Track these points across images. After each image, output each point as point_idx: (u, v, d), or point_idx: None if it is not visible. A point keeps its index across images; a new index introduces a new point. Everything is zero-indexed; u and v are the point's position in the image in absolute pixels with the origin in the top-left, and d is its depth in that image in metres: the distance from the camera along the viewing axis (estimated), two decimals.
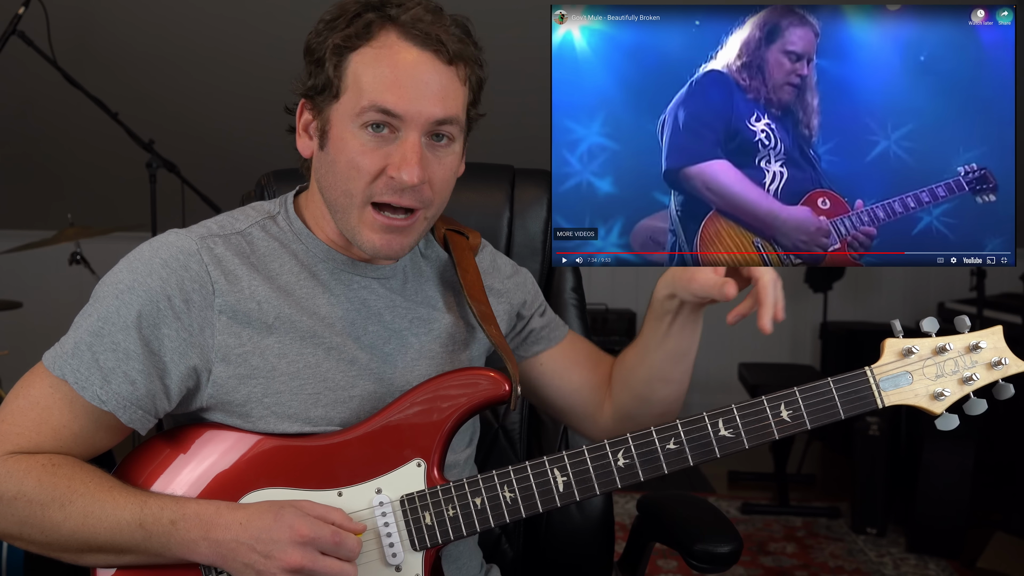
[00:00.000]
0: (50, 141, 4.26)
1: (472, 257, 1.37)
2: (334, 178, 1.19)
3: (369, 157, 1.16)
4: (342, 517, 1.13)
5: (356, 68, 1.16)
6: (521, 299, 1.41)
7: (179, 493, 1.18)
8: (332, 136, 1.18)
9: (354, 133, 1.16)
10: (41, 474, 1.13)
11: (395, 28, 1.15)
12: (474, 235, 1.41)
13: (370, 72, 1.15)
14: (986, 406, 1.16)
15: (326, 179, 1.21)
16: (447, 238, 1.38)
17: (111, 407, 1.15)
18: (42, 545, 1.15)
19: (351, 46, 1.16)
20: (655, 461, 1.17)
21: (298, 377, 1.20)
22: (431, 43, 1.15)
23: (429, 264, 1.37)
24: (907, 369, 1.17)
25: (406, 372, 1.27)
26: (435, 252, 1.39)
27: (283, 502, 1.13)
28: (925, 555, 3.29)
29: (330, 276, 1.26)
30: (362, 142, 1.16)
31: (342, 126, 1.17)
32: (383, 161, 1.16)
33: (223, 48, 3.91)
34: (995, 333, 1.18)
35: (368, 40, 1.15)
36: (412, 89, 1.14)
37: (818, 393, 1.17)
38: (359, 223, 1.19)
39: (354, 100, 1.15)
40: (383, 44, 1.15)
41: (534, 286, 1.46)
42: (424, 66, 1.15)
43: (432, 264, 1.37)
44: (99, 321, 1.16)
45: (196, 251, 1.19)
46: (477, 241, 1.41)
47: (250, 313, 1.19)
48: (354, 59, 1.16)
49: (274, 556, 1.08)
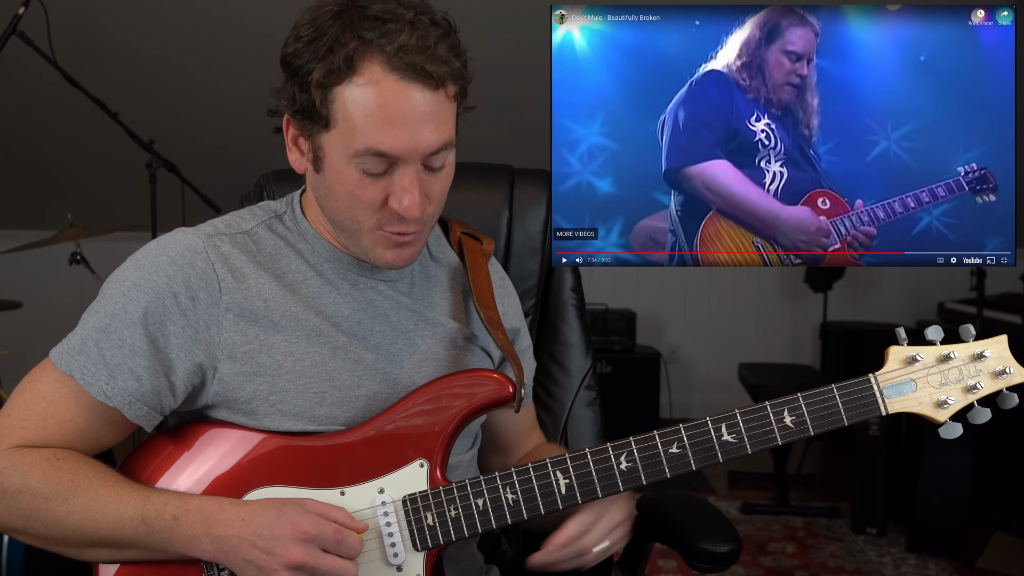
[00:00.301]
0: (50, 141, 4.26)
1: (485, 263, 1.37)
2: (337, 204, 1.19)
3: (370, 191, 1.16)
4: (344, 516, 1.13)
5: (344, 104, 1.12)
6: (515, 325, 1.41)
7: (182, 490, 1.19)
8: (328, 165, 1.17)
9: (351, 168, 1.15)
10: (46, 468, 1.13)
11: (378, 58, 1.10)
12: (488, 241, 1.41)
13: (360, 111, 1.11)
14: (990, 415, 1.16)
15: (327, 201, 1.21)
16: (462, 242, 1.38)
17: (116, 403, 1.15)
18: (45, 539, 1.16)
19: (334, 82, 1.12)
20: (658, 465, 1.17)
21: (304, 375, 1.20)
22: (419, 75, 1.11)
23: (440, 268, 1.37)
24: (911, 377, 1.17)
25: (412, 373, 1.27)
26: (448, 257, 1.39)
27: (286, 499, 1.14)
28: (925, 555, 3.29)
29: (336, 276, 1.26)
30: (360, 177, 1.15)
31: (337, 158, 1.15)
32: (383, 192, 1.16)
33: (223, 48, 3.91)
34: (1000, 342, 1.18)
35: (352, 74, 1.10)
36: (405, 127, 1.12)
37: (822, 399, 1.17)
38: (370, 244, 1.21)
39: (347, 138, 1.13)
40: (369, 80, 1.10)
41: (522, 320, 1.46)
42: (414, 100, 1.11)
43: (443, 269, 1.37)
44: (106, 317, 1.16)
45: (203, 249, 1.19)
46: (491, 248, 1.41)
47: (257, 311, 1.19)
48: (340, 93, 1.12)
49: (276, 552, 1.08)
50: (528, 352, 1.44)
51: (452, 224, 1.42)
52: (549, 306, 1.65)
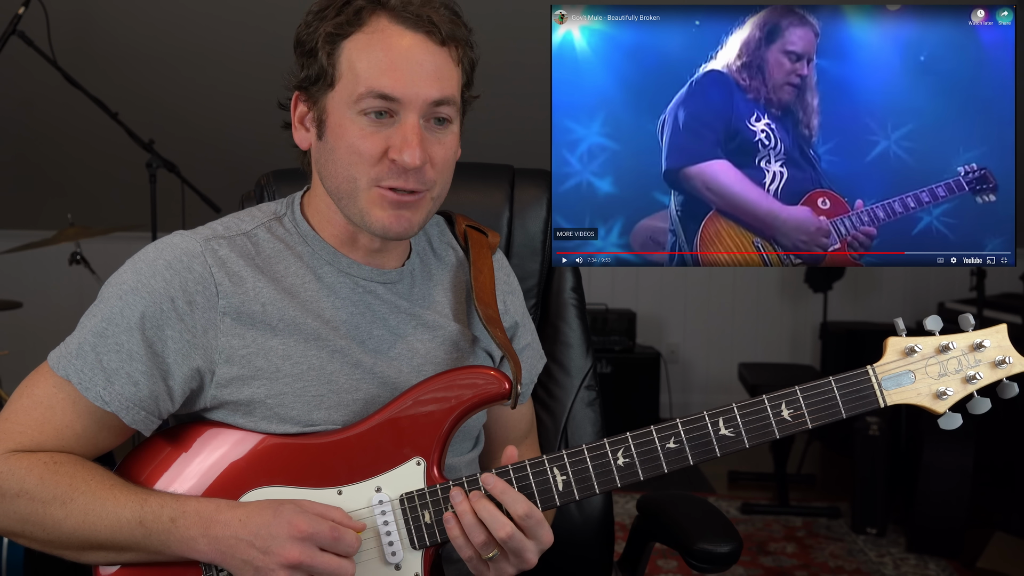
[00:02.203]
0: (50, 141, 4.26)
1: (489, 256, 1.36)
2: (335, 165, 1.19)
3: (369, 141, 1.16)
4: (342, 515, 1.13)
5: (350, 55, 1.16)
6: (516, 321, 1.40)
7: (180, 491, 1.19)
8: (330, 124, 1.18)
9: (352, 119, 1.16)
10: (43, 472, 1.14)
11: (385, 13, 1.16)
12: (494, 235, 1.41)
13: (364, 58, 1.15)
14: (990, 405, 1.15)
15: (327, 168, 1.21)
16: (467, 235, 1.38)
17: (114, 408, 1.15)
18: (44, 542, 1.16)
19: (343, 33, 1.16)
20: (655, 460, 1.17)
21: (302, 379, 1.20)
22: (423, 25, 1.15)
23: (441, 265, 1.36)
24: (909, 368, 1.17)
25: (411, 376, 1.27)
26: (451, 252, 1.38)
27: (283, 500, 1.14)
28: (925, 555, 3.29)
29: (335, 279, 1.25)
30: (361, 127, 1.16)
31: (340, 113, 1.17)
32: (383, 144, 1.16)
33: (223, 48, 3.91)
34: (999, 332, 1.17)
35: (360, 26, 1.16)
36: (408, 72, 1.14)
37: (819, 392, 1.16)
38: (367, 204, 1.19)
39: (350, 87, 1.16)
40: (375, 29, 1.15)
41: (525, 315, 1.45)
42: (418, 48, 1.15)
43: (444, 266, 1.36)
44: (103, 322, 1.16)
45: (200, 253, 1.19)
46: (496, 241, 1.41)
47: (254, 315, 1.19)
48: (347, 46, 1.16)
49: (272, 552, 1.08)
50: (530, 348, 1.42)
51: (457, 218, 1.42)
52: (549, 306, 1.65)
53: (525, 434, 1.46)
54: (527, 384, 1.41)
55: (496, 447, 1.42)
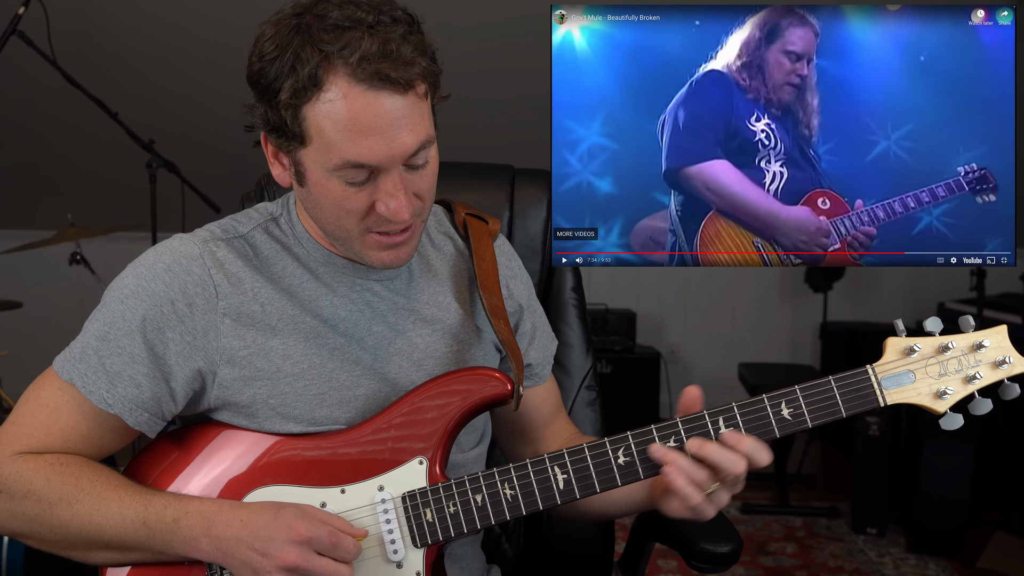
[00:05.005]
0: (50, 141, 4.26)
1: (491, 243, 1.36)
2: (323, 214, 1.19)
3: (355, 200, 1.15)
4: (342, 523, 1.14)
5: (316, 120, 1.11)
6: (522, 304, 1.39)
7: (184, 491, 1.19)
8: (310, 179, 1.16)
9: (333, 181, 1.14)
10: (49, 473, 1.14)
11: (343, 70, 1.08)
12: (494, 221, 1.40)
13: (332, 126, 1.10)
14: (991, 406, 1.15)
15: (315, 212, 1.21)
16: (467, 223, 1.38)
17: (117, 410, 1.16)
18: (51, 543, 1.17)
19: (302, 101, 1.10)
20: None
21: (303, 378, 1.21)
22: (385, 83, 1.08)
23: (441, 257, 1.36)
24: (909, 368, 1.17)
25: (411, 372, 1.27)
26: (450, 243, 1.38)
27: (285, 503, 1.14)
28: (925, 555, 3.29)
29: (332, 278, 1.26)
30: (343, 188, 1.14)
31: (318, 172, 1.14)
32: (369, 199, 1.15)
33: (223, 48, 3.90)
34: (999, 332, 1.17)
35: (318, 91, 1.09)
36: (380, 136, 1.10)
37: (819, 391, 1.16)
38: (362, 248, 1.20)
39: (324, 153, 1.12)
40: (336, 96, 1.08)
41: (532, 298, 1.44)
42: (384, 107, 1.10)
43: (444, 257, 1.36)
44: (105, 326, 1.17)
45: (199, 255, 1.20)
46: (497, 227, 1.40)
47: (254, 315, 1.20)
48: (309, 111, 1.10)
49: (270, 554, 1.09)
50: (540, 331, 1.40)
51: (456, 206, 1.41)
52: (549, 306, 1.65)
53: (554, 414, 1.43)
54: (543, 365, 1.40)
55: (523, 428, 1.40)
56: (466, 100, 1.77)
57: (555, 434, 1.42)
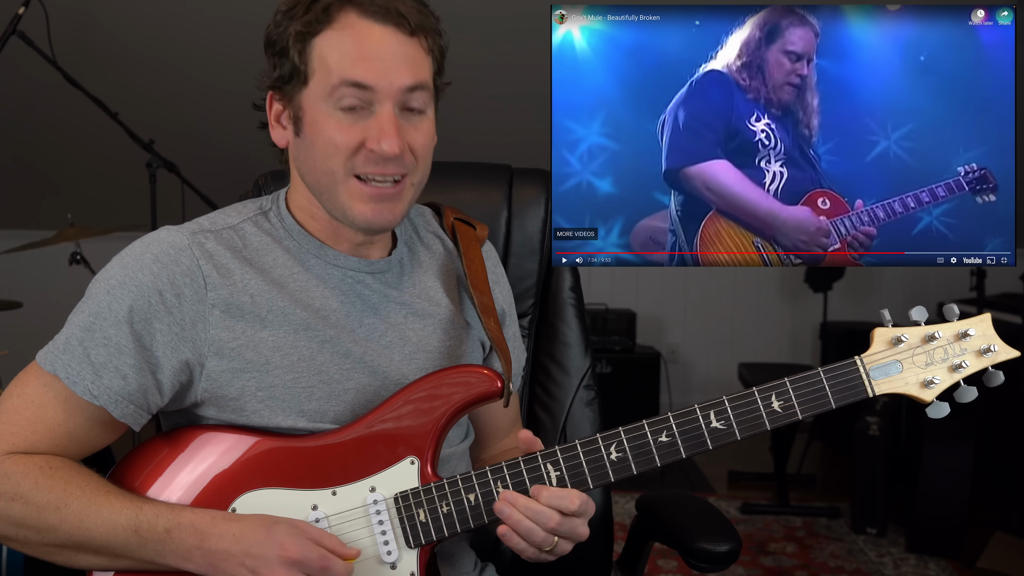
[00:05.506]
0: (50, 141, 4.26)
1: (478, 248, 1.37)
2: (314, 160, 1.20)
3: (346, 133, 1.17)
4: (335, 543, 1.13)
5: (321, 51, 1.17)
6: (501, 311, 1.40)
7: (174, 494, 1.18)
8: (307, 120, 1.19)
9: (328, 113, 1.17)
10: (38, 476, 1.13)
11: (353, 8, 1.16)
12: (482, 227, 1.42)
13: (336, 52, 1.16)
14: (976, 393, 1.17)
15: (306, 163, 1.22)
16: (455, 228, 1.38)
17: (102, 401, 1.15)
18: (38, 546, 1.16)
19: (313, 31, 1.17)
20: (648, 454, 1.17)
21: (292, 370, 1.20)
22: (392, 17, 1.16)
23: (430, 255, 1.37)
24: (897, 358, 1.18)
25: (402, 366, 1.27)
26: (439, 242, 1.39)
27: (279, 519, 1.13)
28: (925, 555, 3.29)
29: (323, 270, 1.26)
30: (337, 120, 1.17)
31: (315, 109, 1.18)
32: (360, 135, 1.17)
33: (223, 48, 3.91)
34: (983, 321, 1.18)
35: (329, 23, 1.16)
36: (379, 61, 1.16)
37: (808, 383, 1.17)
38: (347, 198, 1.20)
39: (324, 81, 1.17)
40: (344, 25, 1.16)
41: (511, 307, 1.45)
42: (388, 39, 1.17)
43: (434, 255, 1.37)
44: (90, 316, 1.16)
45: (187, 246, 1.19)
46: (484, 233, 1.41)
47: (243, 306, 1.19)
48: (318, 43, 1.17)
49: (260, 572, 1.09)
50: (516, 339, 1.43)
51: (446, 210, 1.42)
52: (548, 306, 1.65)
53: (510, 427, 1.45)
54: (517, 375, 1.42)
55: (483, 436, 1.42)
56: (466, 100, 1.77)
57: (509, 445, 1.44)
